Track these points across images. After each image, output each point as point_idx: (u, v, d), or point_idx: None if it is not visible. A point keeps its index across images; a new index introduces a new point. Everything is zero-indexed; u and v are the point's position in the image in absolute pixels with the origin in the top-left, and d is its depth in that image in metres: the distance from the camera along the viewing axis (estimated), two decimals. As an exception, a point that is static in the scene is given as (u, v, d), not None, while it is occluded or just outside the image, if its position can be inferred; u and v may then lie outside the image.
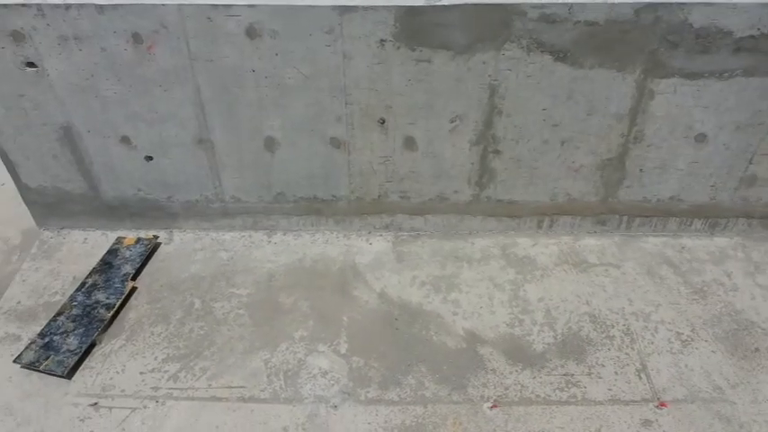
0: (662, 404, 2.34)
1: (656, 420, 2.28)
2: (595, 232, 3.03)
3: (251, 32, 2.37)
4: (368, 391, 2.40)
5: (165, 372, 2.46)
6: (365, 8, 2.31)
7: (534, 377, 2.44)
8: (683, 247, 2.97)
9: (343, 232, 3.06)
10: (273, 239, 3.06)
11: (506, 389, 2.40)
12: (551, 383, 2.42)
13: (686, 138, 2.64)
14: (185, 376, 2.44)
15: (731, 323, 2.63)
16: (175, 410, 2.32)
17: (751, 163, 2.72)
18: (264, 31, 2.37)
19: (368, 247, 3.01)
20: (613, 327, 2.62)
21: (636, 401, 2.35)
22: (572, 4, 2.27)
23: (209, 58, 2.45)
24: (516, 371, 2.46)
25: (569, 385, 2.41)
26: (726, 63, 2.40)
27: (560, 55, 2.41)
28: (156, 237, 3.01)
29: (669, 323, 2.63)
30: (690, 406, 2.33)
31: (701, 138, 2.64)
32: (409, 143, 2.70)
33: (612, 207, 2.92)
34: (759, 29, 2.31)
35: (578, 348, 2.54)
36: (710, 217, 2.95)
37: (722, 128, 2.61)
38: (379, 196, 2.91)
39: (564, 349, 2.54)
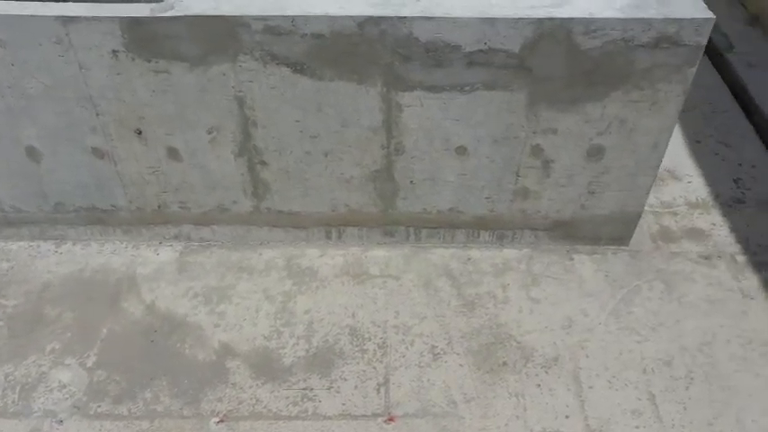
0: (390, 419, 2.33)
1: (378, 436, 2.27)
2: (385, 243, 3.02)
3: (-21, 42, 2.34)
4: (99, 406, 2.37)
5: None
6: (89, 18, 2.28)
7: (273, 391, 2.42)
8: (468, 259, 2.97)
9: (132, 242, 3.03)
10: (61, 249, 3.02)
11: (240, 403, 2.38)
12: (287, 398, 2.40)
13: (447, 150, 2.64)
14: None
15: (489, 336, 2.62)
16: None
17: (519, 176, 2.72)
18: (-7, 41, 2.34)
19: (154, 258, 2.98)
20: (370, 340, 2.61)
21: (366, 416, 2.34)
22: (294, 16, 2.26)
23: (-54, 67, 2.42)
24: (257, 384, 2.45)
25: (305, 400, 2.39)
26: (462, 77, 2.40)
27: (297, 67, 2.39)
28: (-65, 246, 2.97)
29: (427, 336, 2.62)
30: (418, 421, 2.33)
31: (462, 150, 2.63)
32: (173, 154, 2.67)
33: (395, 218, 2.91)
34: (486, 43, 2.30)
35: (327, 362, 2.53)
36: (496, 229, 2.94)
37: (479, 141, 2.60)
38: (159, 206, 2.88)
39: (313, 363, 2.53)
